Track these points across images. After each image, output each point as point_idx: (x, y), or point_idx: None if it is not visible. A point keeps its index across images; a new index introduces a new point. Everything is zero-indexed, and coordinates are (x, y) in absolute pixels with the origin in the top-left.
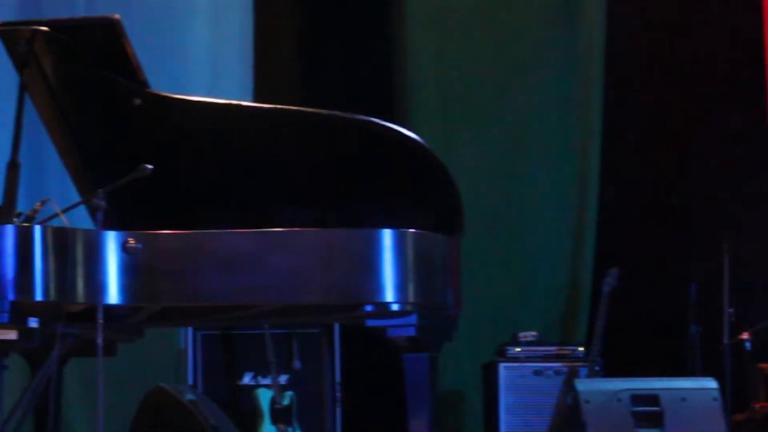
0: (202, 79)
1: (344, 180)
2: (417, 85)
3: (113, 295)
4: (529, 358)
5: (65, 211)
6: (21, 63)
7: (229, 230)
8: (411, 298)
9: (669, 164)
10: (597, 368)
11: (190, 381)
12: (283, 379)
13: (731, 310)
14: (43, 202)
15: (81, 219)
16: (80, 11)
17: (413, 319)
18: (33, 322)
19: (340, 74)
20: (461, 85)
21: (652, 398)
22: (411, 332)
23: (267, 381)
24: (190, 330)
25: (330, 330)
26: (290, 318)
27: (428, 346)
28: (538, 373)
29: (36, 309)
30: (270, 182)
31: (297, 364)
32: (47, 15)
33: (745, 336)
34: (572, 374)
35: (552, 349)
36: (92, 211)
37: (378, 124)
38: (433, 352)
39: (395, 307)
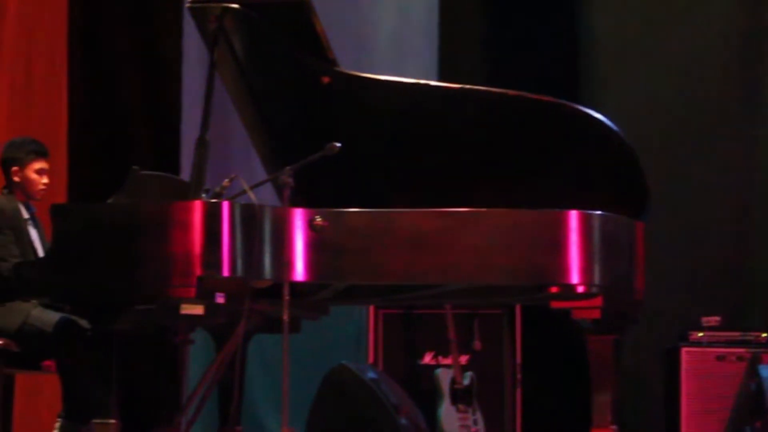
0: (388, 59)
1: (531, 161)
2: (602, 66)
3: (299, 272)
4: (712, 344)
5: (253, 187)
6: (211, 41)
7: (415, 209)
8: (597, 280)
9: None
10: None
11: (371, 359)
12: (463, 359)
13: None
14: (231, 179)
15: (265, 196)
16: None
17: (598, 301)
18: (219, 298)
19: (525, 55)
20: (645, 62)
21: None
22: (596, 315)
23: (447, 361)
24: (371, 308)
25: (511, 311)
26: (474, 298)
27: (613, 328)
28: (720, 358)
29: (222, 285)
30: (455, 161)
31: (477, 344)
32: None
33: None
34: (756, 360)
35: (735, 334)
36: (279, 189)
37: (566, 105)
38: (618, 335)
39: (581, 288)
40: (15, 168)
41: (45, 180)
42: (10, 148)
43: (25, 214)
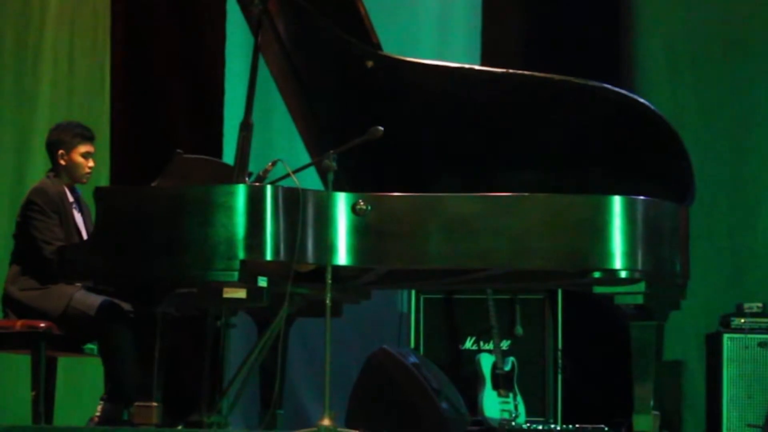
0: (430, 44)
1: (574, 145)
2: (644, 52)
3: (342, 256)
4: (753, 330)
5: (296, 171)
6: (255, 24)
7: (457, 194)
8: (639, 265)
9: None
10: None
11: (412, 344)
12: (504, 344)
13: None
14: (274, 163)
15: (306, 179)
16: None
17: (641, 286)
18: (262, 282)
19: (567, 40)
20: (689, 50)
21: None
22: (639, 300)
23: (489, 346)
24: (413, 293)
25: (553, 296)
26: (516, 283)
27: (655, 314)
28: (762, 344)
29: (265, 268)
30: (497, 146)
31: (519, 330)
32: None
33: None
34: None
35: None
36: (322, 172)
37: (610, 90)
38: (660, 321)
39: (623, 274)
40: (61, 151)
41: (91, 164)
42: (57, 131)
43: (71, 198)
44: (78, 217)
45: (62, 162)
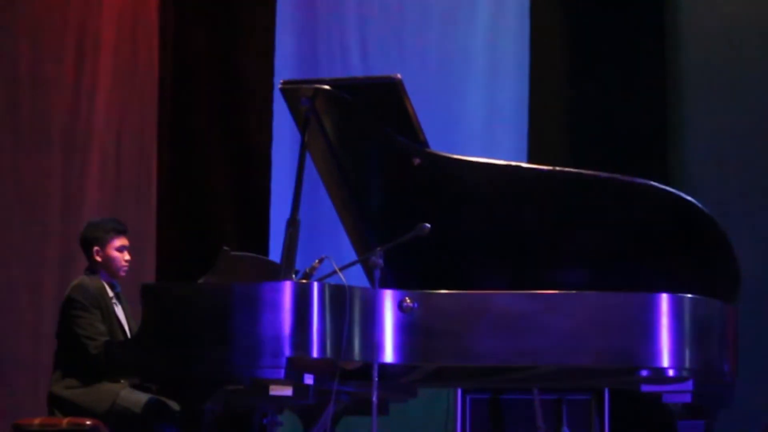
0: (477, 133)
1: (622, 242)
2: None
3: (389, 353)
4: None
5: (343, 268)
6: (303, 121)
7: (505, 291)
8: (687, 364)
9: None
10: None
11: None
12: None
13: None
14: (321, 260)
15: (353, 276)
16: (355, 67)
17: (689, 385)
18: (308, 379)
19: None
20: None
21: None
22: (687, 399)
23: None
24: (459, 392)
25: (600, 396)
26: (563, 381)
27: (704, 413)
28: None
29: (312, 366)
30: (546, 242)
31: (566, 430)
32: (323, 73)
33: None
34: None
35: None
36: (369, 270)
37: (656, 186)
38: (709, 420)
39: (671, 372)
40: (96, 248)
41: (127, 257)
42: (90, 228)
43: (110, 293)
44: (120, 312)
45: (98, 258)
